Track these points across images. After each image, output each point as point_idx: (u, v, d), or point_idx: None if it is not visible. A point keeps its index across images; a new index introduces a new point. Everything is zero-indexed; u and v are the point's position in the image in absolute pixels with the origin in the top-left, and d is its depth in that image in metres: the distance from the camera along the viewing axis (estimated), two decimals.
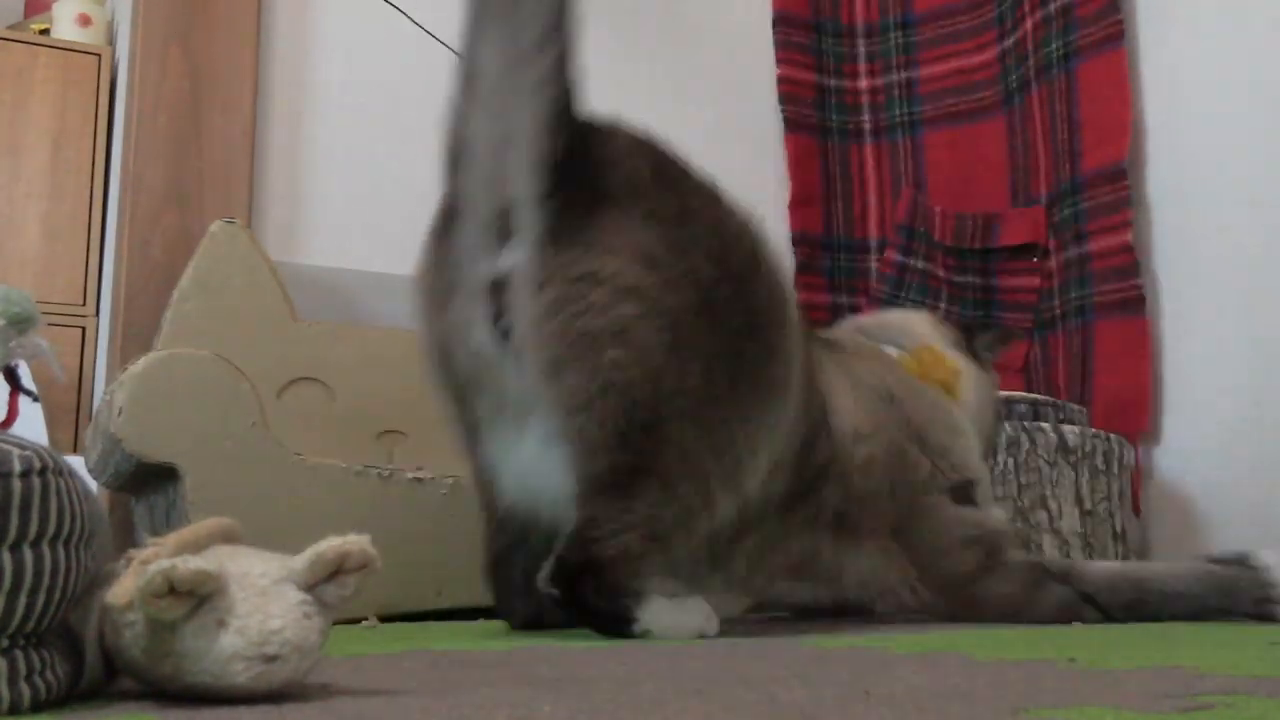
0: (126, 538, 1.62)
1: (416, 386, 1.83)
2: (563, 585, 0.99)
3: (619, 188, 1.00)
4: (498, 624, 1.30)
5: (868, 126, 2.44)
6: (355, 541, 0.65)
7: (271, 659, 0.60)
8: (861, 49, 2.46)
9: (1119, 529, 1.80)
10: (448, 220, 1.05)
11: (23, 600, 0.56)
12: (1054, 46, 2.12)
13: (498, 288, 0.99)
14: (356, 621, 1.27)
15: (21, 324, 1.02)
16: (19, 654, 0.57)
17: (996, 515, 1.35)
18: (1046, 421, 1.79)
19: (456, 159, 1.02)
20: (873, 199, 2.43)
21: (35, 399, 1.74)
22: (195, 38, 1.93)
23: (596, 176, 0.99)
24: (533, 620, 1.14)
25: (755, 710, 0.59)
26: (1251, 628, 1.17)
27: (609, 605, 0.99)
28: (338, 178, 2.03)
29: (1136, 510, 1.97)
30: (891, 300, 2.34)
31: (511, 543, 1.14)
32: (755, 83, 2.43)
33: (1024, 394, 1.89)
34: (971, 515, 1.31)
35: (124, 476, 1.39)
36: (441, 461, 1.74)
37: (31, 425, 1.68)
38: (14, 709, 0.56)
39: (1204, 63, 1.93)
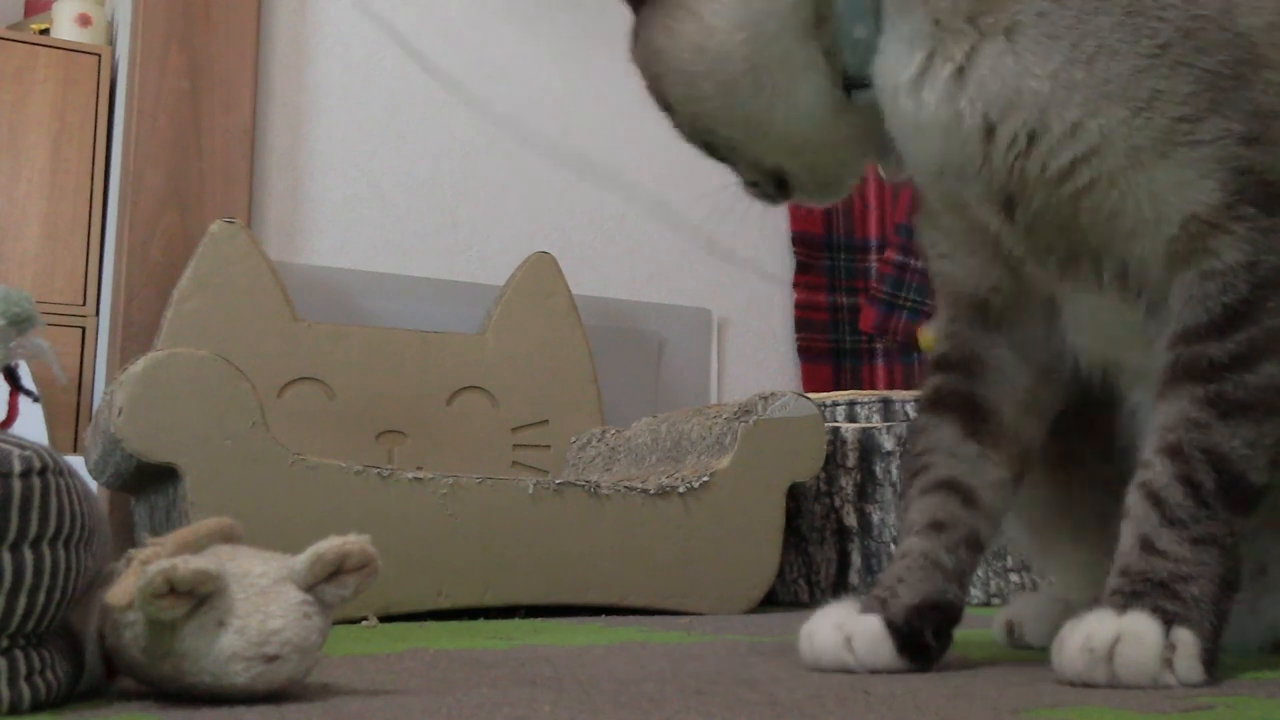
0: (126, 538, 1.62)
1: (416, 386, 1.84)
2: None
3: None
4: (498, 624, 1.30)
5: None
6: (355, 541, 0.65)
7: (271, 659, 0.60)
8: None
9: None
10: None
11: (23, 600, 0.56)
12: None
13: None
14: (356, 621, 1.27)
15: (21, 324, 1.02)
16: (19, 654, 0.57)
17: None
18: None
19: None
20: (873, 199, 2.42)
21: (35, 399, 1.74)
22: (195, 38, 1.93)
23: None
24: None
25: (755, 710, 0.59)
26: None
27: None
28: (338, 178, 2.03)
29: None
30: (891, 300, 2.33)
31: None
32: None
33: None
34: None
35: (124, 476, 1.39)
36: (441, 461, 1.75)
37: (31, 425, 1.68)
38: (14, 709, 0.56)
39: None
